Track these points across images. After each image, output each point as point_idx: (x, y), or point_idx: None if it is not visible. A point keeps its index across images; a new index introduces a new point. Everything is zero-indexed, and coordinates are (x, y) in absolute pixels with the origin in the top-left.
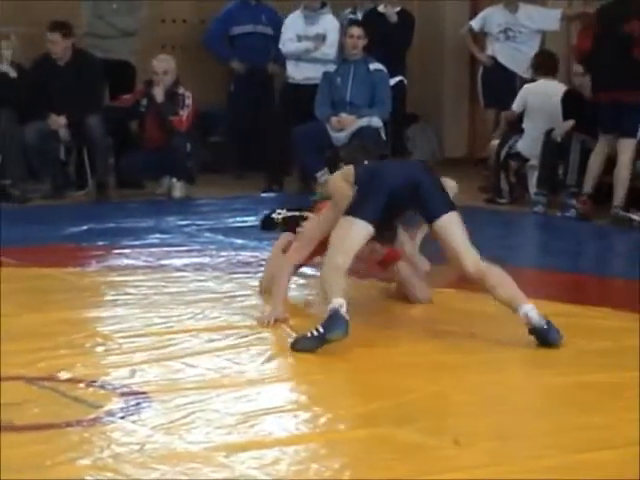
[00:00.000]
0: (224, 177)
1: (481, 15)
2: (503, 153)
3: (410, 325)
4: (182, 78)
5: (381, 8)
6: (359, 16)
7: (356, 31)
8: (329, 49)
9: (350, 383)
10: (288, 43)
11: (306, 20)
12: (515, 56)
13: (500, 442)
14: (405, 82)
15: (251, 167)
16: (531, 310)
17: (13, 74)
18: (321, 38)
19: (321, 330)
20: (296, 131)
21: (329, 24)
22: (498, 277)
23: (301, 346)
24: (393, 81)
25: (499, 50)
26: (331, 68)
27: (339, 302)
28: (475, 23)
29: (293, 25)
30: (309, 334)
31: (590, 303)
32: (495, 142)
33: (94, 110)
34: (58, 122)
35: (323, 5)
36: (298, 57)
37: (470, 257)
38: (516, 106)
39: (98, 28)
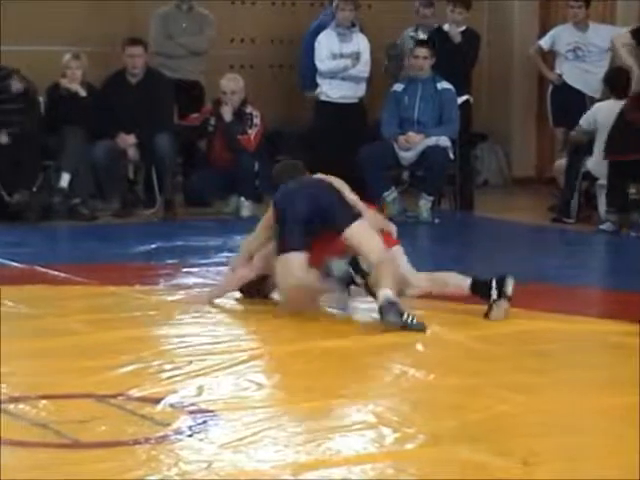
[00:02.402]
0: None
1: (550, 34)
2: (579, 173)
3: (477, 345)
4: (250, 97)
5: (446, 27)
6: (420, 35)
7: (421, 52)
8: (364, 66)
9: (418, 402)
10: (327, 61)
11: (340, 38)
12: (584, 76)
13: (569, 463)
14: (471, 101)
15: None
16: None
17: (83, 93)
18: (355, 56)
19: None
20: (362, 151)
21: (362, 42)
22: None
23: None
24: (459, 100)
25: (567, 70)
26: (362, 88)
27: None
28: (544, 42)
29: (328, 43)
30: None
31: None
32: (561, 162)
33: (163, 129)
34: (127, 141)
35: (353, 24)
36: (334, 75)
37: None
38: (584, 122)
39: (167, 48)
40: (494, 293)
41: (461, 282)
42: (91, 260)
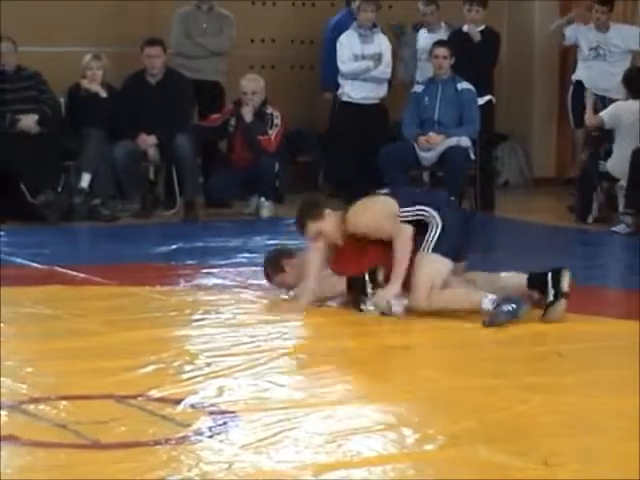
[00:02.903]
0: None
1: (572, 27)
2: (598, 174)
3: (496, 346)
4: (271, 98)
5: (465, 27)
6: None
7: (441, 51)
8: (386, 68)
9: (437, 403)
10: (348, 62)
11: (362, 39)
12: (605, 77)
13: (589, 464)
14: (494, 101)
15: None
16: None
17: (104, 94)
18: (377, 57)
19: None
20: (382, 151)
21: (383, 43)
22: None
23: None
24: (482, 100)
25: (587, 71)
26: (383, 89)
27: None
28: (567, 31)
29: (349, 44)
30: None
31: None
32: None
33: (183, 130)
34: (147, 142)
35: (374, 25)
36: (356, 76)
37: None
38: (606, 115)
39: (187, 48)
40: (550, 293)
41: (517, 282)
42: (111, 261)
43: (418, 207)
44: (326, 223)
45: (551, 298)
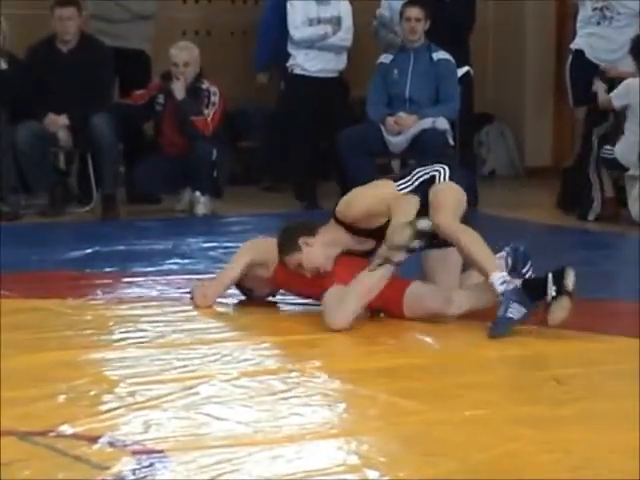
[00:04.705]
0: (257, 190)
1: None
2: (592, 155)
3: (482, 369)
4: (207, 71)
5: None
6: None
7: (413, 12)
8: (346, 34)
9: (410, 440)
10: (302, 28)
11: (317, 0)
12: (609, 46)
13: None
14: (472, 73)
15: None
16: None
17: (3, 65)
18: (337, 21)
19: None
20: (342, 135)
21: (343, 6)
22: None
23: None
24: (459, 72)
25: (589, 38)
26: (343, 60)
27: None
28: None
29: (303, 7)
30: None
31: None
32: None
33: (101, 109)
34: (57, 122)
35: None
36: (311, 44)
37: None
38: (615, 97)
39: (106, 10)
40: (551, 290)
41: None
42: (12, 268)
43: (416, 170)
44: (304, 254)
45: (553, 294)
